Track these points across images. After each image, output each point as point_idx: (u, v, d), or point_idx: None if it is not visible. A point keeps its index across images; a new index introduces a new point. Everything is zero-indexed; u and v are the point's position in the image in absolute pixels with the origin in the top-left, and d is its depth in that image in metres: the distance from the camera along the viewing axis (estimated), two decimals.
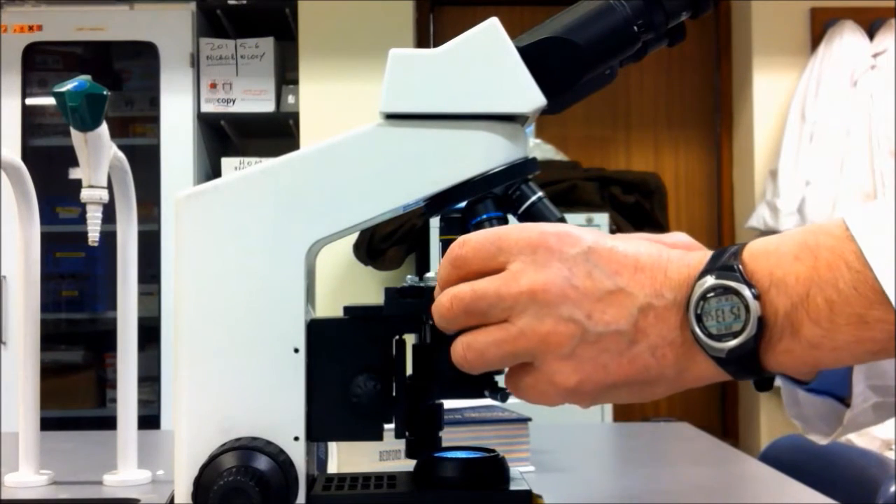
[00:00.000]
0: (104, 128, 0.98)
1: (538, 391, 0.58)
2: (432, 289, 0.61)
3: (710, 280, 0.53)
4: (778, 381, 0.72)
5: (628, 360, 0.55)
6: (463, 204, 0.66)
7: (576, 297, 0.55)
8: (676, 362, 0.55)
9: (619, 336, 0.55)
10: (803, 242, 0.52)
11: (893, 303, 0.48)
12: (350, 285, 3.21)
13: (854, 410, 0.72)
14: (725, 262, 0.53)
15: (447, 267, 0.60)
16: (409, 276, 0.67)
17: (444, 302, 0.59)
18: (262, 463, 0.60)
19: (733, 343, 0.52)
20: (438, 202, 0.65)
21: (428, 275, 0.65)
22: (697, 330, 0.53)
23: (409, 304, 0.63)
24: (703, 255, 0.56)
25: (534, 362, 0.57)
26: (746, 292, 0.52)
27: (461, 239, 0.59)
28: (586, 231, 0.58)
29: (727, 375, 0.55)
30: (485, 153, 0.64)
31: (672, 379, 0.56)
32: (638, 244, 0.57)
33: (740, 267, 0.53)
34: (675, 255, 0.57)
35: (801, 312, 0.51)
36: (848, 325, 0.50)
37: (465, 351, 0.58)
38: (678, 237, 0.61)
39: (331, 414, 0.64)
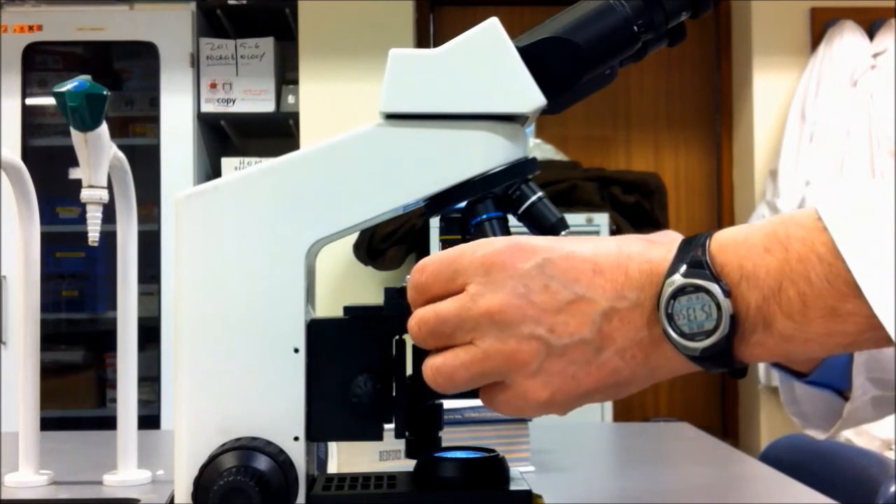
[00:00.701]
0: (104, 128, 0.98)
1: (513, 407, 0.58)
2: None
3: (678, 279, 0.52)
4: (776, 382, 0.72)
5: (597, 368, 0.55)
6: (463, 204, 0.66)
7: (535, 314, 0.55)
8: (646, 361, 0.55)
9: (585, 345, 0.55)
10: (773, 234, 0.51)
11: (867, 296, 0.48)
12: (350, 285, 3.21)
13: (854, 403, 0.71)
14: (693, 256, 0.53)
15: (412, 293, 0.60)
16: (408, 276, 0.67)
17: (412, 325, 0.59)
18: (262, 463, 0.60)
19: (707, 343, 0.52)
20: (438, 202, 0.65)
21: None
22: (669, 330, 0.53)
23: (409, 305, 0.63)
24: (667, 249, 0.55)
25: (504, 380, 0.57)
26: (717, 290, 0.51)
27: (420, 265, 0.59)
28: (540, 240, 0.57)
29: (699, 369, 0.54)
30: (485, 153, 0.64)
31: (644, 377, 0.56)
32: (597, 244, 0.56)
33: (709, 262, 0.52)
34: (635, 251, 0.56)
35: (774, 306, 0.50)
36: (820, 318, 0.49)
37: (435, 375, 0.58)
38: (671, 237, 0.61)
39: (331, 414, 0.64)
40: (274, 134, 3.58)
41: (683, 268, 0.52)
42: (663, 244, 0.56)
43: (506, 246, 0.57)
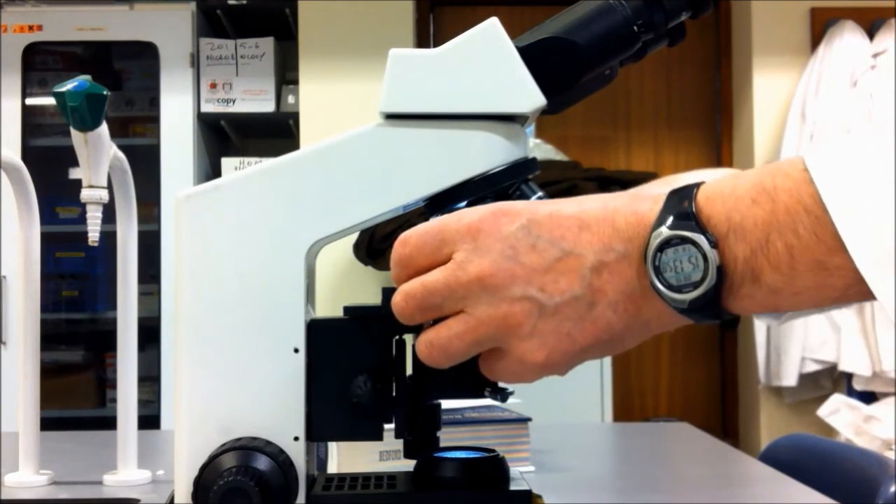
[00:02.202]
0: (104, 128, 0.98)
1: (511, 372, 0.58)
2: None
3: (664, 231, 0.52)
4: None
5: (591, 323, 0.55)
6: (463, 204, 0.66)
7: (524, 275, 0.55)
8: (639, 313, 0.55)
9: (577, 301, 0.55)
10: (760, 185, 0.51)
11: (851, 251, 0.47)
12: (350, 285, 3.21)
13: None
14: (680, 208, 0.52)
15: (395, 269, 0.59)
16: None
17: (399, 301, 0.59)
18: (262, 463, 0.60)
19: (694, 294, 0.52)
20: (438, 202, 0.65)
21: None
22: (657, 282, 0.52)
23: None
24: (655, 201, 0.54)
25: (500, 346, 0.57)
26: (703, 241, 0.51)
27: (402, 237, 0.59)
28: (523, 203, 0.57)
29: (690, 321, 0.54)
30: (485, 153, 0.64)
31: (638, 330, 0.56)
32: (581, 202, 0.57)
33: (695, 213, 0.52)
34: (620, 203, 0.55)
35: (761, 258, 0.50)
36: (808, 271, 0.49)
37: (429, 349, 0.58)
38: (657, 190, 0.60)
39: (331, 414, 0.64)
40: (274, 134, 3.58)
41: (670, 220, 0.52)
42: (650, 196, 0.55)
43: (489, 212, 0.57)
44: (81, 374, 3.40)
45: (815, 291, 0.50)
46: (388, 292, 0.63)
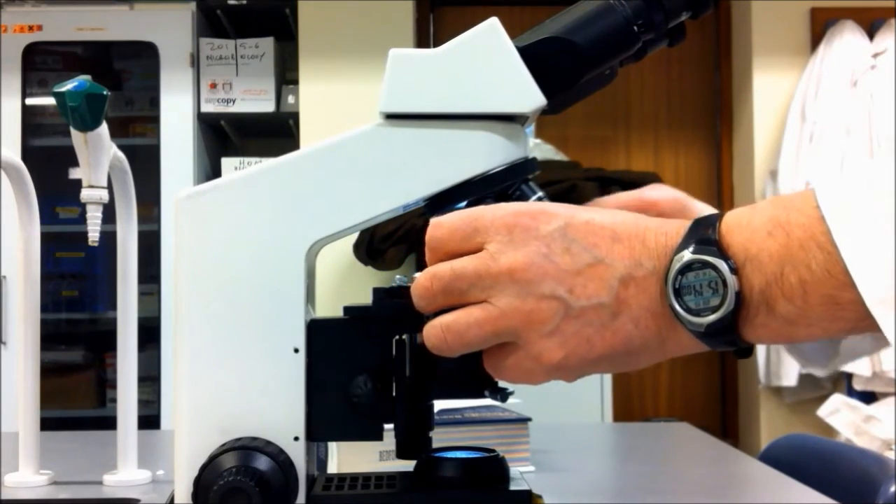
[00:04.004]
0: (104, 128, 0.98)
1: (522, 370, 0.58)
2: None
3: (687, 255, 0.53)
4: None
5: (612, 333, 0.56)
6: (463, 204, 0.66)
7: (555, 274, 0.55)
8: (658, 332, 0.56)
9: (602, 309, 0.55)
10: (775, 218, 0.52)
11: (861, 291, 0.49)
12: (350, 285, 3.21)
13: (852, 338, 0.72)
14: (703, 235, 0.54)
15: (427, 252, 0.60)
16: (397, 276, 0.67)
17: (423, 281, 0.59)
18: (262, 463, 0.60)
19: (712, 318, 0.52)
20: (438, 202, 0.65)
21: (416, 274, 0.64)
22: (676, 305, 0.53)
23: (397, 305, 0.63)
24: (681, 224, 0.56)
25: (517, 342, 0.57)
26: (724, 267, 0.52)
27: (435, 221, 0.60)
28: (561, 206, 0.58)
29: (707, 348, 0.55)
30: (485, 153, 0.64)
31: (655, 348, 0.56)
32: (614, 214, 0.58)
33: (717, 240, 0.53)
34: (652, 223, 0.57)
35: (776, 290, 0.51)
36: (821, 304, 0.50)
37: (445, 333, 0.58)
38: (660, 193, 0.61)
39: (331, 414, 0.64)
40: (274, 134, 3.58)
41: (693, 245, 0.53)
42: (678, 219, 0.57)
43: (528, 209, 0.58)
44: (81, 374, 3.40)
45: (828, 323, 0.51)
46: (379, 292, 0.63)
